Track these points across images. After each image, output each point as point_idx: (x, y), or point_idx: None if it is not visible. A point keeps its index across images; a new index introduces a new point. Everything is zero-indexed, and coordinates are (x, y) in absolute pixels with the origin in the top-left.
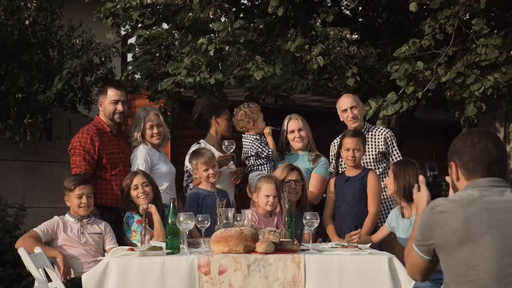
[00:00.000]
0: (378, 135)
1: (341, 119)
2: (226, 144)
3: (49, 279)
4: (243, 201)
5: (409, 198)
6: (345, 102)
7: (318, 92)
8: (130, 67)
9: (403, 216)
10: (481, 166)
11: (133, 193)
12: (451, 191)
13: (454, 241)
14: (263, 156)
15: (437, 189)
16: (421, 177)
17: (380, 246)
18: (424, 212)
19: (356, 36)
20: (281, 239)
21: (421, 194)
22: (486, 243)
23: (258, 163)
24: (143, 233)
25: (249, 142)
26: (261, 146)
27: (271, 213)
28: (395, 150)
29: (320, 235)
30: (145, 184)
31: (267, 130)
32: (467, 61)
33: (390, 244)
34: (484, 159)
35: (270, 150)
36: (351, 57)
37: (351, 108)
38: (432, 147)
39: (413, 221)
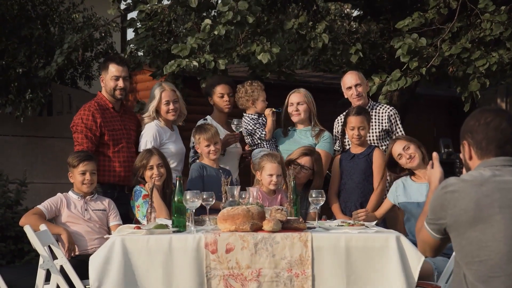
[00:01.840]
0: (382, 112)
1: (346, 96)
2: (235, 123)
3: (54, 257)
4: (246, 178)
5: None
6: (349, 80)
7: (318, 68)
8: (131, 45)
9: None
10: (494, 145)
11: (148, 173)
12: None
13: (465, 221)
14: (256, 137)
15: (451, 166)
16: (435, 154)
17: (385, 223)
18: (436, 190)
19: (357, 12)
20: (288, 217)
21: (434, 171)
22: (498, 224)
23: (256, 142)
24: (149, 211)
25: (245, 122)
26: (255, 127)
27: (274, 190)
28: (399, 128)
29: (324, 212)
30: (160, 165)
31: (268, 111)
32: (471, 37)
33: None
34: (497, 138)
35: (263, 132)
36: (353, 33)
37: (356, 85)
38: (433, 122)
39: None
